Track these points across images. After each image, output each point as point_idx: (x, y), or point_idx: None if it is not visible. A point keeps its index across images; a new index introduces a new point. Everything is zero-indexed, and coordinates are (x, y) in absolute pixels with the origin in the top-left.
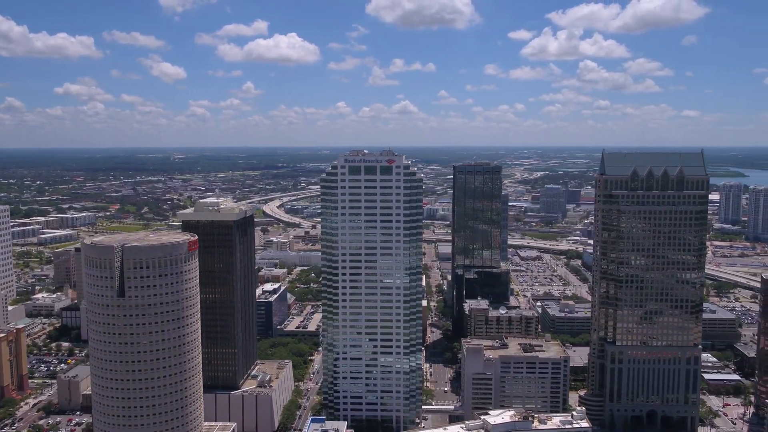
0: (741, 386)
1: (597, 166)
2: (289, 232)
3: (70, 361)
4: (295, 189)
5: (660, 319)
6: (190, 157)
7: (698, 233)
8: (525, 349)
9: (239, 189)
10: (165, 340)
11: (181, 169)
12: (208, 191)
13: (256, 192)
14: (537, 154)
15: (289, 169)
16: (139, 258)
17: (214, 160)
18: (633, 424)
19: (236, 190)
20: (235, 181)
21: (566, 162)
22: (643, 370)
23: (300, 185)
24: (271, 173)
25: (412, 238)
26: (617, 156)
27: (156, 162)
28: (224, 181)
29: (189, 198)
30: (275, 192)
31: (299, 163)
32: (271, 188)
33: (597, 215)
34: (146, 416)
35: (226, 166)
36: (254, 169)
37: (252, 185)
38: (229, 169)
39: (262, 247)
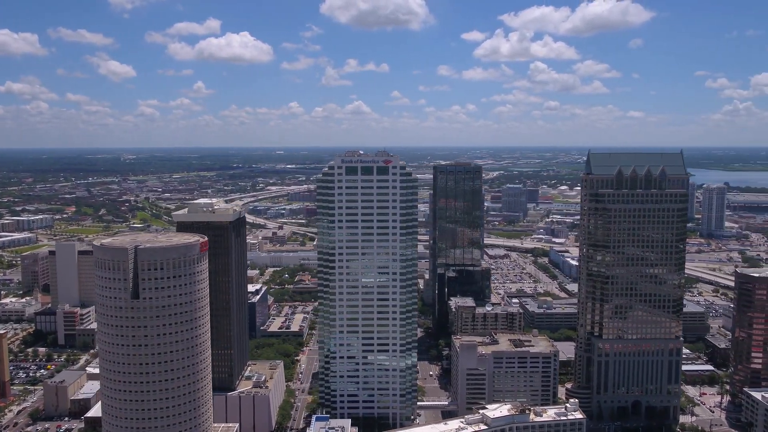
0: (715, 376)
1: (550, 166)
2: (257, 234)
3: (50, 366)
4: (254, 190)
5: (644, 313)
6: (140, 158)
7: (680, 230)
8: (515, 345)
9: (196, 190)
10: (178, 341)
11: (132, 170)
12: (165, 192)
13: (215, 193)
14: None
15: (244, 170)
16: (154, 259)
17: (166, 160)
18: (619, 414)
19: (193, 191)
20: (191, 182)
21: (519, 162)
22: (628, 363)
23: (258, 186)
24: (227, 174)
25: (408, 238)
26: (602, 156)
27: (106, 163)
28: (180, 182)
29: (146, 199)
30: (234, 193)
31: (254, 164)
32: (229, 189)
33: (583, 213)
34: (160, 418)
35: (179, 167)
36: (209, 169)
37: (209, 186)
38: (183, 170)
39: None
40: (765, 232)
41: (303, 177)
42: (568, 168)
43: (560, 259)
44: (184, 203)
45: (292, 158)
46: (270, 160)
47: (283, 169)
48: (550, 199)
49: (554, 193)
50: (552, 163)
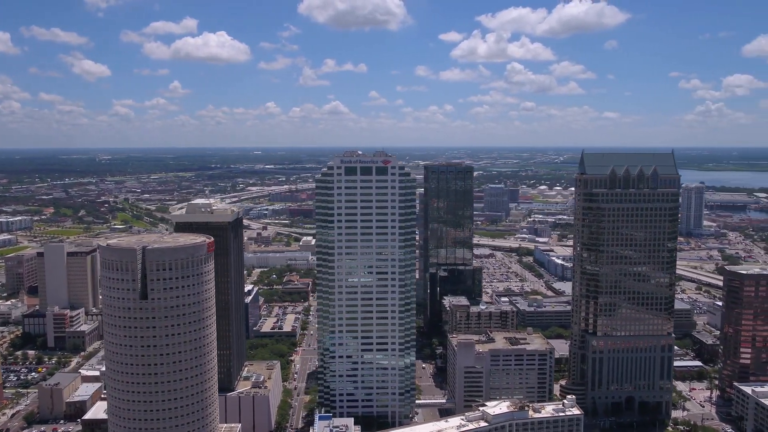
0: (704, 371)
1: (528, 166)
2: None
3: (41, 369)
4: (234, 190)
5: (636, 311)
6: (116, 158)
7: (671, 229)
8: (512, 343)
9: (176, 191)
10: (186, 342)
11: (109, 170)
12: (144, 193)
13: (194, 194)
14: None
15: (223, 170)
16: (162, 260)
17: (142, 161)
18: (613, 410)
19: (173, 191)
20: (170, 182)
21: (497, 162)
22: (621, 359)
23: (238, 186)
24: (205, 174)
25: (406, 238)
26: (596, 156)
27: (81, 163)
28: (159, 183)
29: (126, 200)
30: (214, 193)
31: (232, 164)
32: (210, 190)
33: (577, 213)
34: (169, 419)
35: (157, 168)
36: (186, 170)
37: (189, 187)
38: (160, 171)
39: None
40: (741, 230)
41: (283, 177)
42: (545, 168)
43: (545, 258)
44: (164, 204)
45: (270, 158)
46: (248, 161)
47: (262, 169)
48: (530, 198)
49: (534, 192)
50: (530, 163)
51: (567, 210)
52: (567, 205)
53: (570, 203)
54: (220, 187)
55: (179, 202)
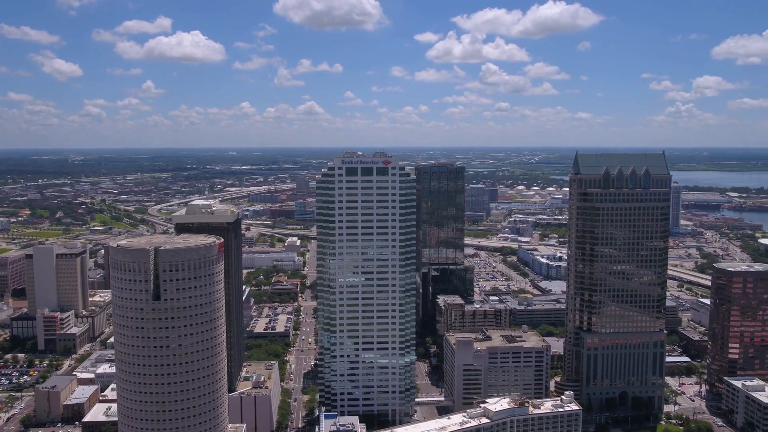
0: (692, 367)
1: (504, 167)
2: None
3: (33, 372)
4: (212, 191)
5: (630, 307)
6: (88, 159)
7: (663, 228)
8: (508, 341)
9: (153, 192)
10: (198, 342)
11: (82, 171)
12: (121, 194)
13: (172, 195)
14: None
15: (199, 171)
16: (175, 260)
17: (116, 161)
18: (607, 405)
19: (150, 192)
20: (147, 183)
21: (473, 162)
22: (615, 356)
23: (216, 187)
24: (181, 175)
25: (407, 237)
26: (590, 157)
27: (53, 164)
28: (135, 184)
29: (103, 201)
30: (192, 194)
31: (208, 165)
32: (188, 191)
33: (572, 212)
34: (181, 419)
35: (131, 168)
36: (162, 170)
37: (166, 188)
38: (135, 171)
39: None
40: (717, 229)
41: (260, 178)
42: (521, 168)
43: (530, 257)
44: (142, 205)
45: (246, 159)
46: (223, 161)
47: (239, 170)
48: (509, 198)
49: (512, 192)
50: (505, 163)
51: (546, 210)
52: (546, 205)
53: (549, 203)
54: (198, 188)
55: (157, 203)
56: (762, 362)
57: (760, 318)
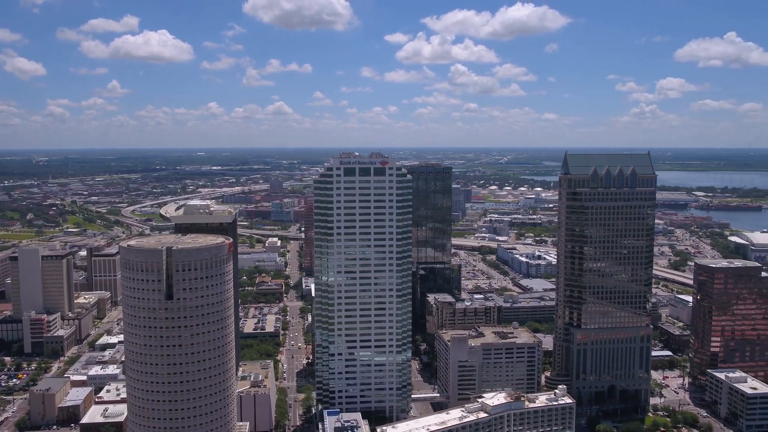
0: (674, 360)
1: (474, 167)
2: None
3: (21, 375)
4: (184, 192)
5: (619, 303)
6: (53, 160)
7: (648, 225)
8: (501, 337)
9: (125, 193)
10: (210, 341)
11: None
12: (92, 196)
13: (144, 196)
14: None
15: (169, 172)
16: (188, 260)
17: (82, 162)
18: (596, 398)
19: (121, 193)
20: (117, 184)
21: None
22: (604, 350)
23: (188, 188)
24: (151, 176)
25: (403, 236)
26: (578, 157)
27: (17, 165)
28: (106, 185)
29: (74, 203)
30: (165, 196)
31: (177, 166)
32: (159, 192)
33: (561, 211)
34: (192, 417)
35: (99, 169)
36: (131, 171)
37: (137, 189)
38: (103, 172)
39: None
40: (687, 227)
41: (233, 179)
42: (492, 168)
43: (509, 256)
44: (114, 206)
45: (215, 160)
46: (192, 162)
47: (209, 170)
48: (482, 198)
49: (485, 192)
50: (476, 164)
51: (520, 209)
52: (519, 204)
53: (522, 203)
54: (170, 189)
55: (130, 204)
56: (742, 355)
57: (740, 312)
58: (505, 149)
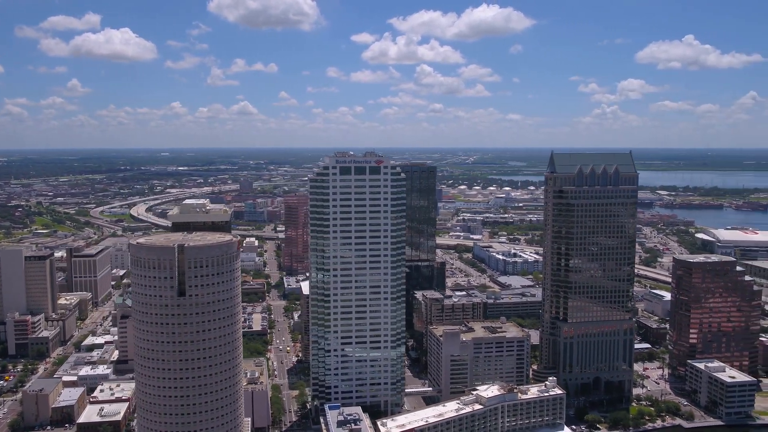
0: (654, 353)
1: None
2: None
3: (8, 377)
4: (152, 193)
5: (603, 297)
6: (12, 160)
7: (631, 221)
8: (491, 331)
9: (91, 194)
10: (221, 336)
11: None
12: (57, 197)
13: (112, 197)
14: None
15: (134, 172)
16: (200, 257)
17: (43, 163)
18: (582, 390)
19: (88, 194)
20: (83, 185)
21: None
22: (589, 343)
23: (156, 188)
24: (116, 176)
25: (398, 233)
26: (564, 156)
27: None
28: (70, 186)
29: (40, 204)
30: (133, 196)
31: (143, 166)
32: (127, 192)
33: (548, 208)
34: (204, 412)
35: (61, 170)
36: (94, 172)
37: (103, 189)
38: (65, 173)
39: None
40: (653, 225)
41: (200, 179)
42: (460, 169)
43: (485, 254)
44: (82, 207)
45: (180, 160)
46: (157, 162)
47: (176, 171)
48: (452, 198)
49: (455, 192)
50: (443, 164)
51: (491, 209)
52: (490, 204)
53: (493, 202)
54: (137, 190)
55: (98, 205)
56: (719, 346)
57: (716, 305)
58: (471, 149)
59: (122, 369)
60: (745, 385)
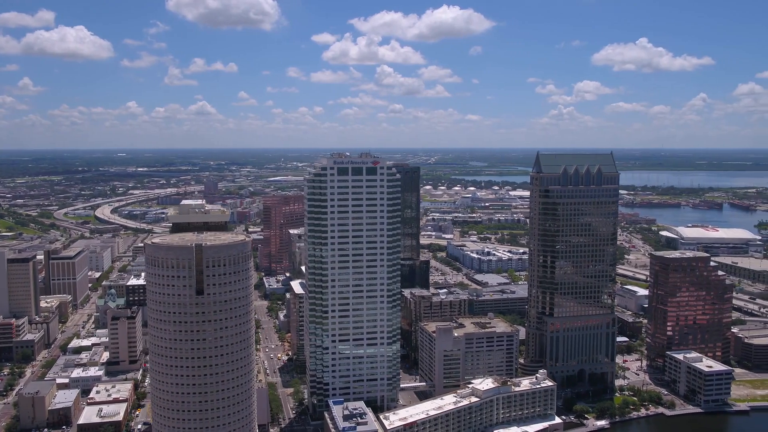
0: (631, 345)
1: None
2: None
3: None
4: (115, 194)
5: (587, 292)
6: None
7: (612, 219)
8: (481, 327)
9: (52, 195)
10: (237, 334)
11: None
12: (17, 198)
13: (73, 198)
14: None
15: (93, 174)
16: (218, 256)
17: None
18: (568, 382)
19: (48, 196)
20: (41, 187)
21: None
22: (574, 336)
23: (119, 190)
24: (75, 178)
25: (393, 233)
26: (550, 156)
27: None
28: (28, 188)
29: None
30: (96, 198)
31: (100, 167)
32: (89, 194)
33: (534, 207)
34: (220, 409)
35: (15, 171)
36: (52, 174)
37: (64, 191)
38: (20, 174)
39: (131, 255)
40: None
41: (163, 180)
42: (423, 169)
43: (459, 252)
44: (44, 209)
45: (137, 161)
46: (113, 163)
47: (135, 172)
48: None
49: (420, 192)
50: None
51: (459, 208)
52: (457, 204)
53: (460, 202)
54: (99, 191)
55: (60, 207)
56: (694, 338)
57: (692, 299)
58: (431, 150)
59: (113, 370)
60: (721, 374)
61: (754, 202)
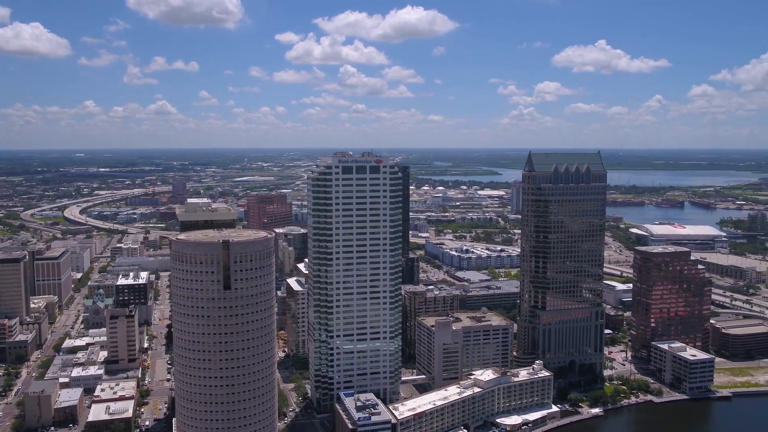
0: (615, 337)
1: None
2: (126, 239)
3: None
4: (80, 195)
5: (578, 286)
6: None
7: (600, 216)
8: (476, 321)
9: (15, 197)
10: (261, 327)
11: None
12: None
13: (38, 199)
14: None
15: (54, 174)
16: (245, 252)
17: None
18: (559, 372)
19: (12, 197)
20: (3, 187)
21: None
22: (565, 329)
23: (84, 190)
24: (36, 179)
25: (395, 230)
26: (541, 156)
27: None
28: None
29: None
30: (62, 199)
31: (60, 168)
32: (54, 195)
33: (527, 205)
34: (246, 401)
35: None
36: (10, 174)
37: (26, 192)
38: None
39: (109, 256)
40: None
41: (128, 181)
42: None
43: (438, 250)
44: (10, 210)
45: (96, 161)
46: (72, 163)
47: (98, 172)
48: None
49: None
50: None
51: (431, 208)
52: (429, 203)
53: (431, 201)
54: (64, 192)
55: (26, 208)
56: (676, 329)
57: (675, 291)
58: (395, 150)
59: (113, 369)
60: (705, 362)
61: (713, 201)
